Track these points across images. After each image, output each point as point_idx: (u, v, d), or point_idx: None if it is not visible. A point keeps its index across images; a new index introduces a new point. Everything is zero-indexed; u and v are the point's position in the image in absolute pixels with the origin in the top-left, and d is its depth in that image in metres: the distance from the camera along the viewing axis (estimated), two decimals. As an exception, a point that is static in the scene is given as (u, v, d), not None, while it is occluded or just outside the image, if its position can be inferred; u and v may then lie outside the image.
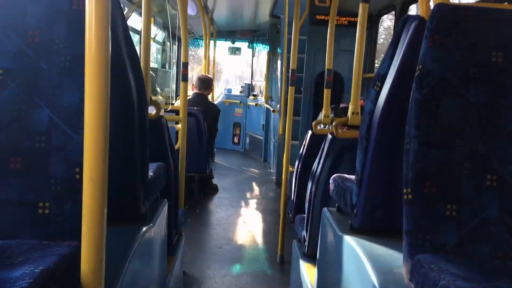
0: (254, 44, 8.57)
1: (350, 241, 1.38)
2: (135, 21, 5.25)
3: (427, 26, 1.08)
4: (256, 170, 6.63)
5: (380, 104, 1.34)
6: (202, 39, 6.83)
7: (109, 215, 0.85)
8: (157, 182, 1.67)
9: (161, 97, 5.87)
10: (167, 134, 2.12)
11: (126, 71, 1.29)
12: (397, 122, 1.28)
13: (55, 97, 1.00)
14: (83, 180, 0.79)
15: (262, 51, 8.59)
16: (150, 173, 1.59)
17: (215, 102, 6.83)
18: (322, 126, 2.77)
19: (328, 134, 2.22)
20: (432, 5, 1.20)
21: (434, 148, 1.04)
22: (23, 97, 1.00)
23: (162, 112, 2.14)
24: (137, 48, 3.00)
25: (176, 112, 3.11)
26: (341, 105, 3.01)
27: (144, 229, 1.39)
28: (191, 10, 5.35)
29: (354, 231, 1.46)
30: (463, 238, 1.02)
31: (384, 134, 1.34)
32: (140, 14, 4.92)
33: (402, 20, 1.32)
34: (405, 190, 1.04)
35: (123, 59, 1.28)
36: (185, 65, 2.76)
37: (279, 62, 6.23)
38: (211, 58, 6.68)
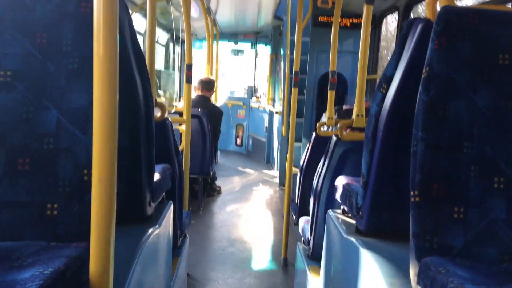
0: (257, 45, 8.58)
1: (356, 244, 1.38)
2: (137, 22, 5.26)
3: (433, 28, 1.08)
4: (259, 172, 6.63)
5: (386, 106, 1.34)
6: (205, 40, 6.84)
7: (116, 216, 0.85)
8: (163, 183, 1.67)
9: (164, 99, 5.89)
10: (172, 136, 2.13)
11: (133, 73, 1.30)
12: (403, 125, 1.27)
13: (63, 98, 1.01)
14: (92, 181, 0.79)
15: (265, 53, 8.60)
16: (156, 175, 1.59)
17: (218, 104, 6.85)
18: (325, 128, 2.76)
19: (333, 136, 2.22)
20: (438, 7, 1.20)
21: (441, 150, 1.04)
22: (32, 99, 1.00)
23: (166, 114, 2.15)
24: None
25: (180, 114, 3.12)
26: (344, 107, 3.02)
27: (150, 230, 1.39)
28: (194, 12, 5.36)
29: (360, 233, 1.46)
30: (470, 241, 1.02)
31: (390, 136, 1.34)
32: (143, 16, 4.93)
33: (408, 23, 1.32)
34: (412, 193, 1.04)
35: (130, 61, 1.28)
36: (189, 67, 2.77)
37: (282, 63, 6.24)
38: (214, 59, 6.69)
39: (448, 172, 1.04)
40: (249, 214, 4.48)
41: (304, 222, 2.53)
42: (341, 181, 1.75)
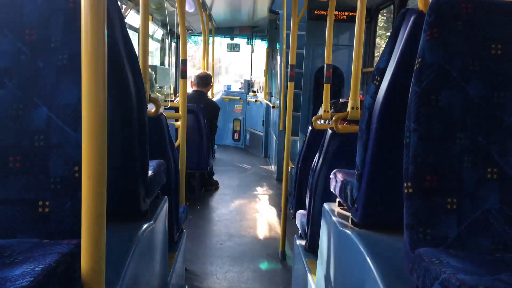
0: (253, 40, 8.57)
1: (351, 236, 1.38)
2: (133, 19, 5.23)
3: (425, 19, 1.08)
4: (256, 166, 6.64)
5: (380, 98, 1.34)
6: (201, 35, 6.82)
7: (110, 213, 0.85)
8: (157, 179, 1.67)
9: (159, 94, 5.87)
10: (167, 131, 2.12)
11: (124, 69, 1.29)
12: (396, 116, 1.27)
13: (53, 95, 1.00)
14: (82, 178, 0.79)
15: (261, 47, 8.59)
16: (150, 171, 1.59)
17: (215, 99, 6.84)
18: (322, 121, 2.76)
19: (328, 129, 2.22)
20: None
21: (434, 141, 1.04)
22: (21, 96, 1.00)
23: (161, 110, 2.14)
24: (136, 46, 3.01)
25: (176, 109, 3.12)
26: (341, 100, 3.01)
27: (145, 226, 1.39)
28: (189, 7, 5.34)
29: (355, 225, 1.46)
30: (463, 231, 1.02)
31: (384, 128, 1.34)
32: (138, 12, 4.90)
33: (401, 14, 1.32)
34: (405, 184, 1.04)
35: (121, 57, 1.28)
36: (184, 62, 2.76)
37: (278, 57, 6.23)
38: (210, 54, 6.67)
39: (441, 163, 1.03)
40: (246, 208, 4.49)
41: (301, 216, 2.53)
42: (336, 174, 1.75)
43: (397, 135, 1.23)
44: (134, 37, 5.20)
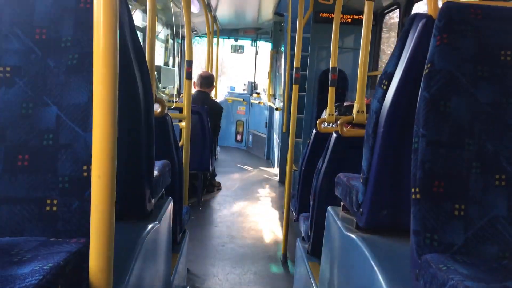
0: (257, 42, 8.58)
1: (356, 240, 1.38)
2: (137, 19, 5.25)
3: (435, 24, 1.08)
4: (258, 168, 6.64)
5: (387, 102, 1.34)
6: (205, 36, 6.84)
7: (116, 212, 0.85)
8: (162, 179, 1.67)
9: (163, 95, 5.88)
10: (172, 132, 2.12)
11: (132, 69, 1.29)
12: (404, 121, 1.27)
13: (63, 95, 1.00)
14: (91, 178, 0.79)
15: (266, 49, 8.59)
16: (156, 171, 1.59)
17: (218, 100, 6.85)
18: (326, 124, 2.76)
19: (333, 132, 2.21)
20: (440, 3, 1.19)
21: (442, 147, 1.04)
22: (31, 95, 1.00)
23: (166, 110, 2.14)
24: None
25: (180, 110, 3.12)
26: (345, 103, 3.01)
27: (150, 226, 1.39)
28: (194, 8, 5.35)
29: (360, 230, 1.46)
30: (471, 238, 1.01)
31: (391, 133, 1.34)
32: (143, 12, 4.92)
33: (409, 19, 1.32)
34: (413, 190, 1.04)
35: (129, 57, 1.28)
36: (189, 63, 2.76)
37: (282, 60, 6.23)
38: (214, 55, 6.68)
39: (449, 169, 1.03)
40: (249, 210, 4.48)
41: (304, 219, 2.53)
42: (341, 178, 1.74)
43: (405, 140, 1.23)
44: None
